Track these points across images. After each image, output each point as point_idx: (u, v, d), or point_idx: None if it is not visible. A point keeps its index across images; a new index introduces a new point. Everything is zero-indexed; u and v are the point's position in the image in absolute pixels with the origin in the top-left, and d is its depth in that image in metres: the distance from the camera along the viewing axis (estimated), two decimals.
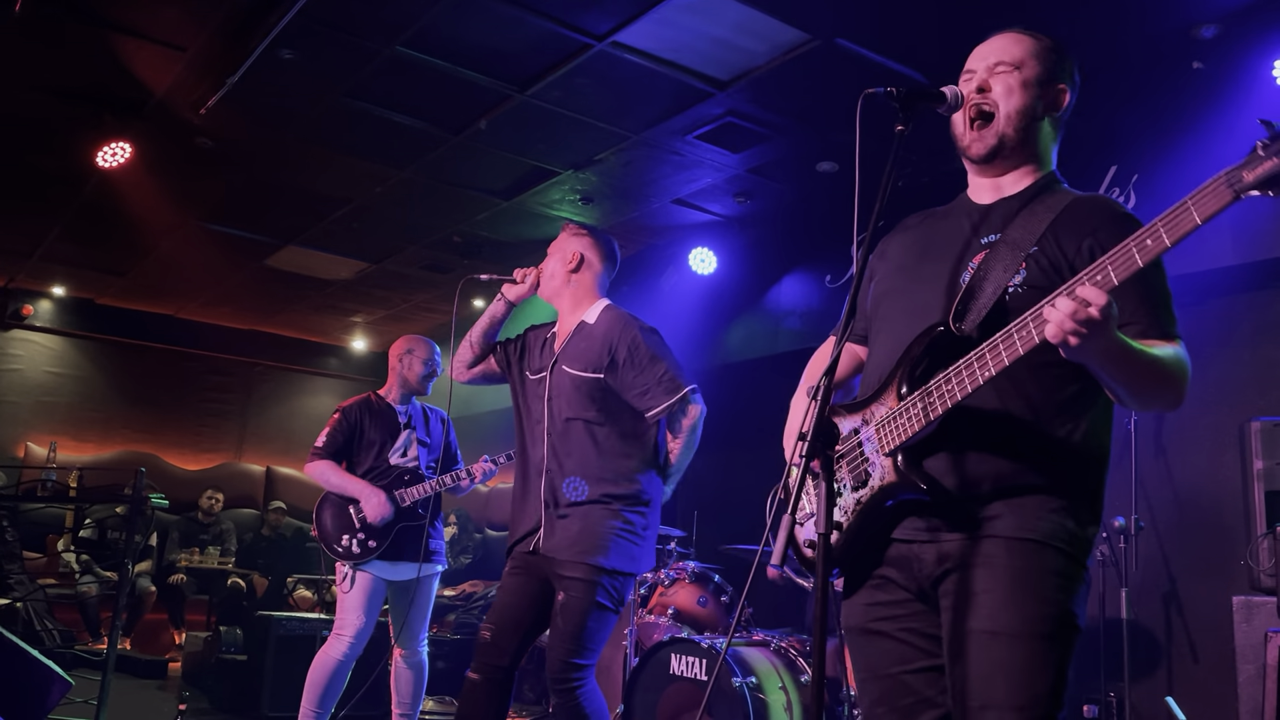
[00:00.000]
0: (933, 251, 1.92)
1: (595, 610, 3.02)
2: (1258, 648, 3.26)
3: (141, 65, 4.90)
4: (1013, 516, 1.70)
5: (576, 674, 3.01)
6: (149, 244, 7.57)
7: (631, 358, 3.14)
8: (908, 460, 1.74)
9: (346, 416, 4.36)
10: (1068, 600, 1.69)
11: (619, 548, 3.04)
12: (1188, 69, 4.27)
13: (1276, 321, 4.34)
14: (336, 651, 4.04)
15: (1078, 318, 1.47)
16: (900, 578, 1.81)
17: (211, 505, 8.70)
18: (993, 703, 1.64)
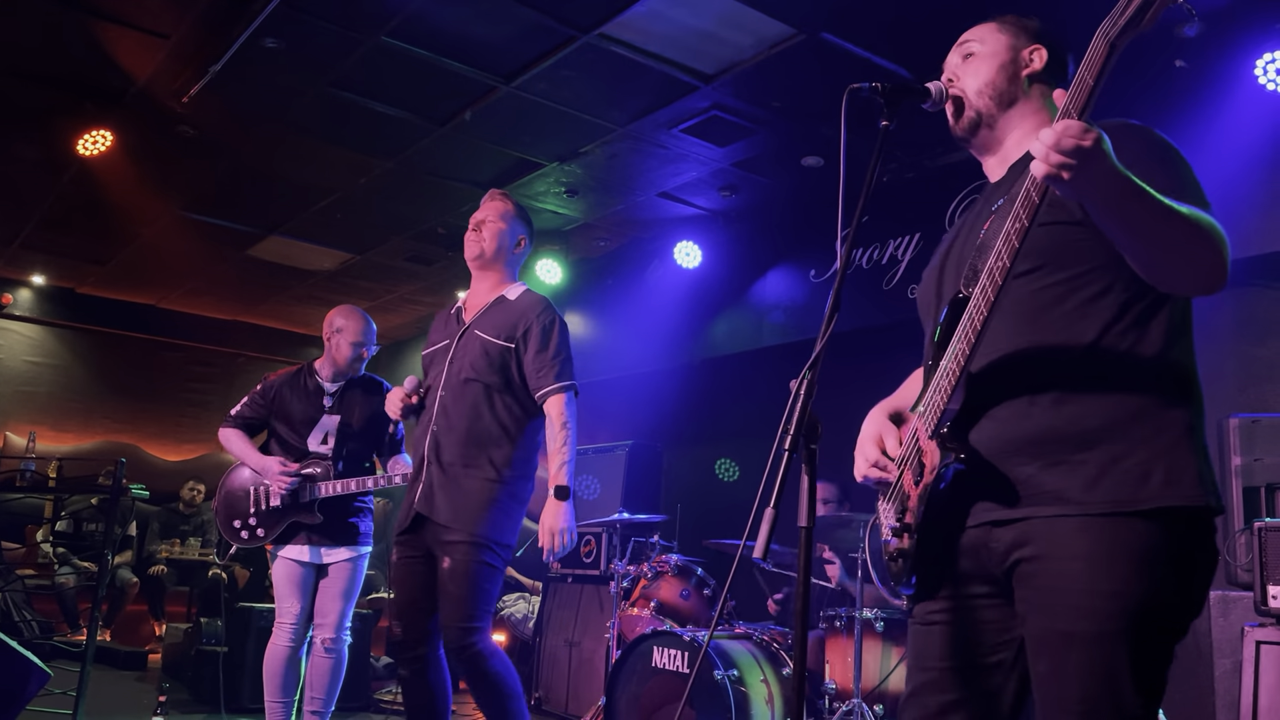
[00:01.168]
0: (959, 240, 1.90)
1: (483, 569, 3.11)
2: (1234, 642, 3.30)
3: (123, 52, 4.86)
4: (1082, 484, 1.55)
5: (476, 636, 3.07)
6: (130, 233, 7.52)
7: (542, 336, 3.29)
8: (950, 433, 1.66)
9: (266, 390, 4.19)
10: (1151, 585, 1.51)
11: (498, 518, 3.16)
12: (1171, 67, 4.29)
13: (1256, 318, 4.37)
14: (281, 640, 3.96)
15: (1063, 145, 1.37)
16: (972, 568, 1.71)
17: (193, 496, 8.65)
18: (1069, 707, 1.54)
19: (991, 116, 1.87)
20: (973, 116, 1.88)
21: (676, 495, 6.45)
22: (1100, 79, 1.42)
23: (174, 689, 5.72)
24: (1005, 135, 1.89)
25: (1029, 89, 1.87)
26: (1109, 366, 1.60)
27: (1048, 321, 1.63)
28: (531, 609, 6.97)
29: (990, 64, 1.87)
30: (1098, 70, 1.42)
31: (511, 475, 3.25)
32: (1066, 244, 1.65)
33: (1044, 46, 1.89)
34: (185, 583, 8.16)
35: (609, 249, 7.52)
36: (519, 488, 3.28)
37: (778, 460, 1.59)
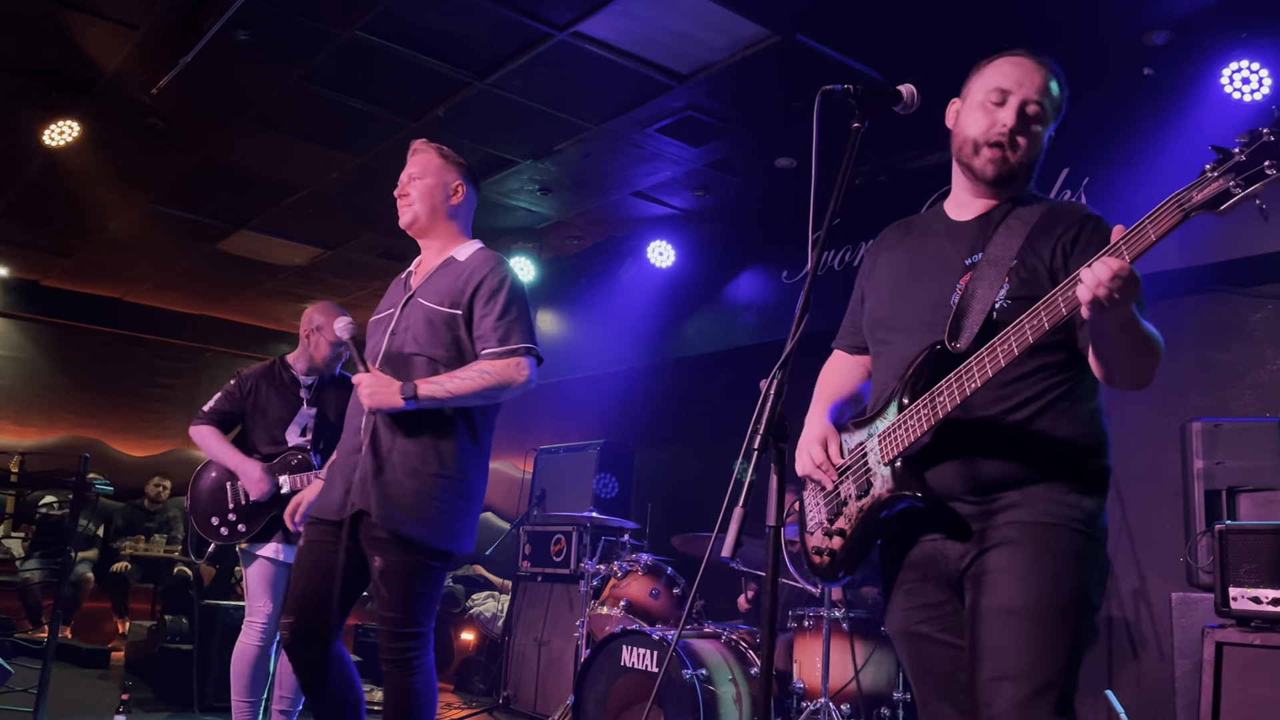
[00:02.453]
0: (920, 273, 2.03)
1: (422, 571, 2.79)
2: (1195, 643, 3.34)
3: (91, 42, 4.80)
4: (1027, 505, 1.80)
5: (413, 644, 2.78)
6: (97, 225, 7.42)
7: (491, 296, 2.89)
8: (906, 468, 1.85)
9: (241, 384, 4.10)
10: (1083, 580, 1.78)
11: (440, 518, 2.79)
12: (1139, 75, 4.35)
13: (1218, 324, 4.44)
14: (251, 640, 3.89)
15: (1114, 284, 1.56)
16: (932, 577, 1.91)
17: (159, 493, 8.55)
18: (1007, 674, 1.71)
19: (1020, 183, 2.00)
20: (1008, 173, 1.96)
21: (647, 494, 6.46)
22: (1161, 239, 1.58)
23: (137, 687, 5.65)
24: (1009, 190, 2.00)
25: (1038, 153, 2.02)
26: (1050, 424, 1.84)
27: (1005, 382, 1.83)
28: (501, 607, 6.95)
29: (1044, 139, 2.00)
30: (1163, 232, 1.57)
31: (459, 468, 2.85)
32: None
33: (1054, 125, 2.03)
34: (150, 580, 8.06)
35: (582, 247, 7.51)
36: (468, 484, 2.89)
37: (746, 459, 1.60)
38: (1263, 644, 3.01)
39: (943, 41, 4.20)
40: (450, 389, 2.78)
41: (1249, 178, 1.49)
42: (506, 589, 7.16)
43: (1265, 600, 3.03)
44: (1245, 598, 3.08)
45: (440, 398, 2.78)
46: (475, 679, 6.83)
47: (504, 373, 2.81)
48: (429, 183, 3.11)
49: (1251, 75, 4.06)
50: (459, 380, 2.79)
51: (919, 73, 4.29)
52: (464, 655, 7.14)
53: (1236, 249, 4.19)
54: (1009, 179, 1.97)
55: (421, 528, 2.77)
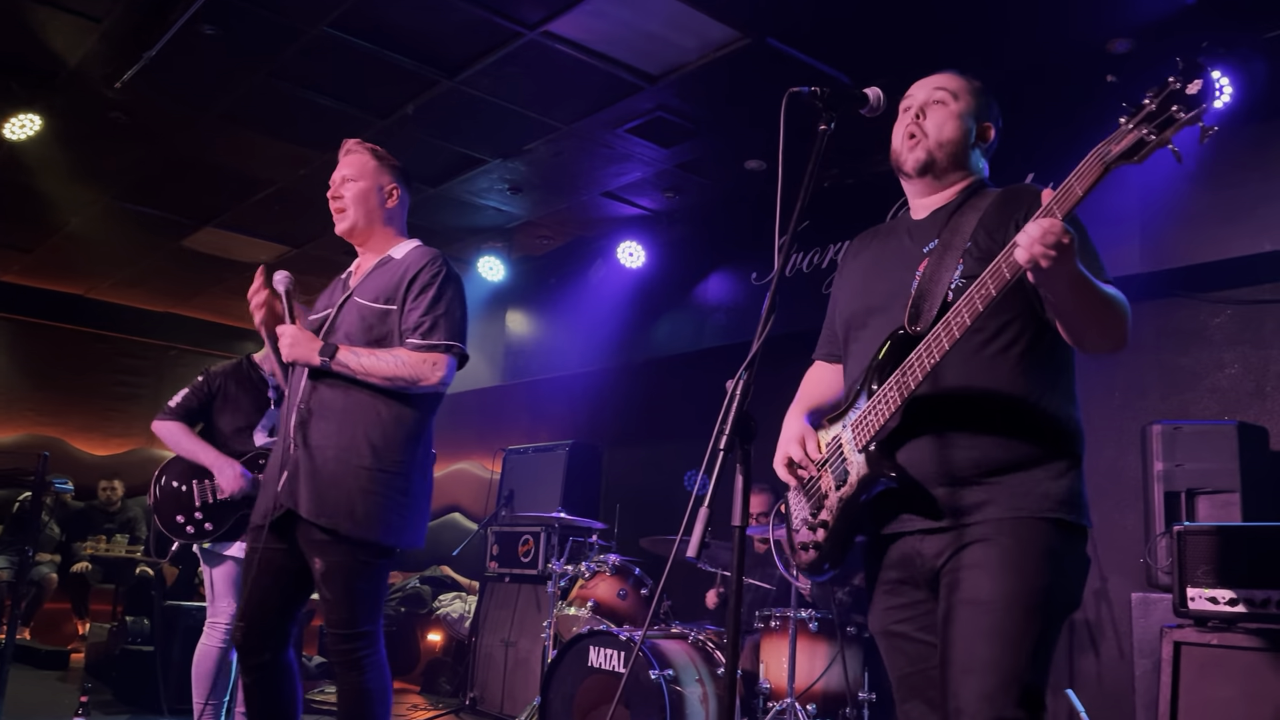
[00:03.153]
0: (883, 270, 2.07)
1: (362, 569, 2.74)
2: (1154, 642, 3.39)
3: (54, 34, 4.73)
4: (1001, 498, 1.82)
5: (361, 643, 2.73)
6: (58, 221, 7.31)
7: (423, 289, 2.84)
8: (879, 451, 1.88)
9: (210, 381, 4.04)
10: (1056, 575, 1.80)
11: (379, 514, 2.73)
12: (1103, 82, 4.40)
13: (1179, 328, 4.50)
14: (214, 641, 3.85)
15: (1046, 240, 1.59)
16: (908, 577, 1.94)
17: (109, 496, 8.38)
18: (974, 666, 1.73)
19: (943, 169, 2.05)
20: (925, 159, 2.04)
21: (615, 494, 6.45)
22: (1088, 193, 1.61)
23: (97, 689, 5.57)
24: (942, 187, 2.06)
25: (970, 154, 2.07)
26: (1022, 408, 1.88)
27: (973, 365, 1.88)
28: (468, 608, 6.93)
29: (958, 125, 2.05)
30: (1087, 185, 1.60)
31: (397, 463, 2.78)
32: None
33: (994, 126, 2.10)
34: (111, 580, 7.95)
35: (552, 247, 7.50)
36: (407, 480, 2.80)
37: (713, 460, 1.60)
38: (1220, 644, 3.06)
39: (909, 47, 4.23)
40: (364, 364, 2.76)
41: (1160, 124, 1.54)
42: (474, 590, 7.13)
43: (1222, 600, 3.08)
44: (1203, 598, 3.13)
45: (352, 367, 2.76)
46: (442, 680, 6.80)
47: (418, 367, 2.76)
48: (363, 186, 3.06)
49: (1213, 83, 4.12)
50: (375, 359, 2.76)
51: (886, 76, 4.31)
52: (430, 656, 7.11)
53: (1196, 255, 4.26)
54: (929, 164, 2.03)
55: (356, 523, 2.71)
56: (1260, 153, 4.10)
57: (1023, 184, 2.04)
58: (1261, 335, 4.26)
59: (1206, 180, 4.23)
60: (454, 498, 8.50)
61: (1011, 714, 1.69)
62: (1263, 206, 4.05)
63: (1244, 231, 4.10)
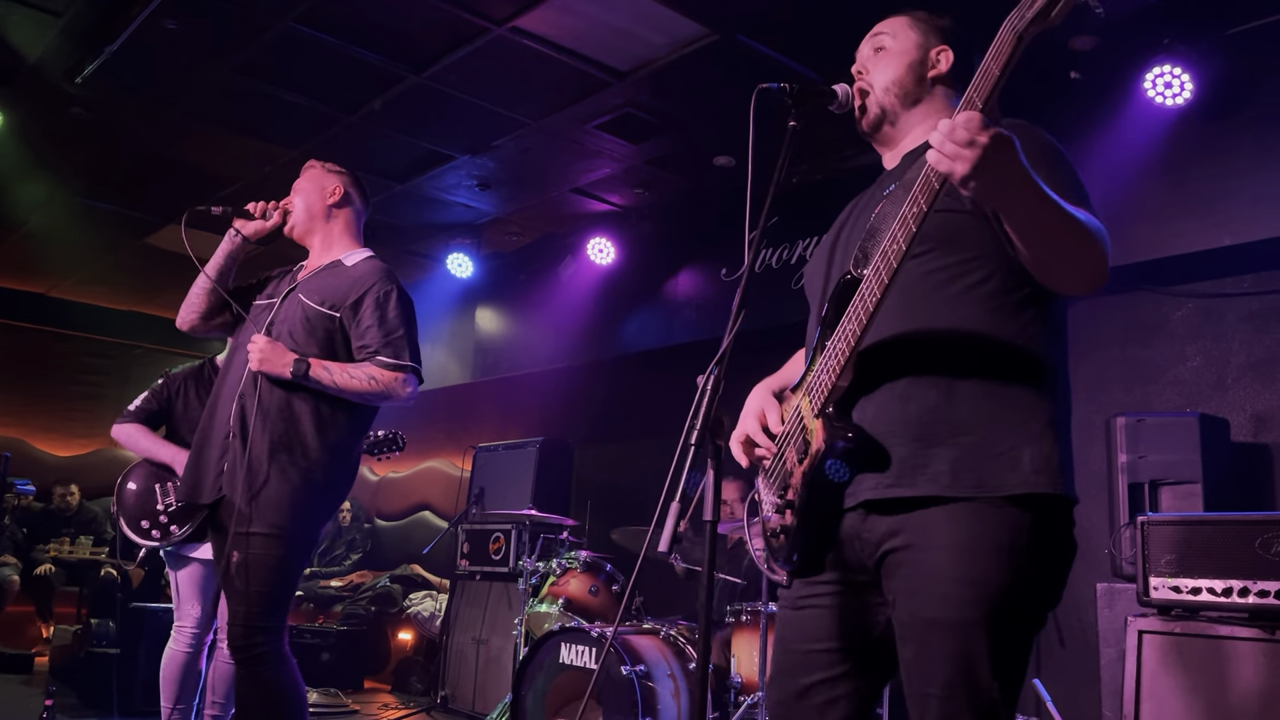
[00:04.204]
0: (849, 222, 1.94)
1: (279, 565, 2.79)
2: (1119, 632, 3.44)
3: (12, 28, 4.65)
4: (952, 467, 1.60)
5: (262, 638, 2.76)
6: (19, 218, 7.19)
7: (378, 306, 2.93)
8: (834, 412, 1.70)
9: (169, 384, 4.06)
10: (1028, 573, 1.58)
11: (297, 508, 2.81)
12: (1066, 79, 4.45)
13: (1140, 322, 4.57)
14: (180, 645, 3.80)
15: (957, 135, 1.40)
16: (849, 556, 1.74)
17: (67, 502, 8.23)
18: (932, 691, 1.59)
19: (895, 114, 1.91)
20: (877, 113, 1.92)
21: (586, 491, 6.45)
22: (1006, 70, 1.44)
23: (62, 692, 5.49)
24: (906, 132, 1.93)
25: (933, 89, 1.92)
26: (988, 355, 1.65)
27: (933, 305, 1.67)
28: (439, 606, 6.90)
29: (899, 62, 1.91)
30: (1004, 61, 1.43)
31: (321, 462, 2.86)
32: (955, 229, 1.69)
33: (950, 48, 1.93)
34: (75, 583, 7.83)
35: (522, 244, 7.48)
36: (329, 476, 2.88)
37: (683, 456, 1.60)
38: (1183, 632, 3.11)
39: None
40: (338, 381, 2.85)
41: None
42: (444, 588, 7.11)
43: (1185, 590, 3.13)
44: (1166, 587, 3.18)
45: (325, 384, 2.85)
46: (413, 679, 6.77)
47: (390, 386, 2.89)
48: (305, 186, 3.22)
49: (1174, 80, 4.18)
50: (348, 376, 2.86)
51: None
52: (401, 655, 7.08)
53: (1157, 249, 4.32)
54: (881, 116, 1.91)
55: (277, 516, 2.79)
56: (1220, 148, 4.16)
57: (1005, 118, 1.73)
58: (1222, 328, 4.33)
59: (1167, 175, 4.29)
60: (424, 496, 8.45)
61: None
62: (1221, 202, 4.12)
63: (1204, 226, 4.17)
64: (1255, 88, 4.09)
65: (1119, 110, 4.43)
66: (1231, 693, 2.97)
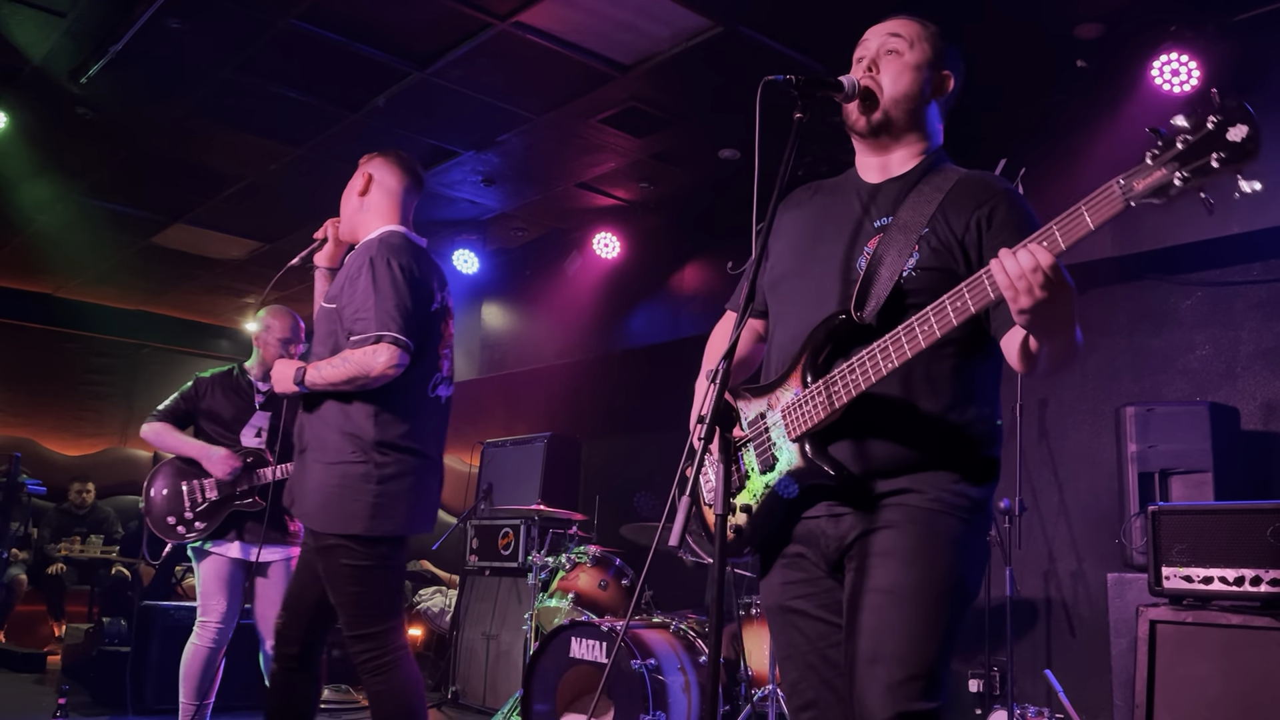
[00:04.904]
0: (827, 233, 1.95)
1: (357, 573, 2.74)
2: (1130, 622, 3.43)
3: (17, 29, 4.65)
4: (915, 491, 1.77)
5: (370, 646, 2.74)
6: (25, 218, 7.20)
7: (351, 281, 2.84)
8: (814, 446, 1.79)
9: (197, 387, 4.15)
10: (962, 566, 1.76)
11: (351, 507, 2.73)
12: (1072, 67, 4.43)
13: (1150, 311, 4.55)
14: (204, 640, 3.89)
15: (1037, 280, 1.49)
16: (811, 554, 1.87)
17: (82, 499, 8.29)
18: (881, 656, 1.69)
19: (897, 128, 1.94)
20: (881, 119, 1.92)
21: (595, 485, 6.45)
22: (1101, 228, 1.48)
23: (74, 690, 5.52)
24: (897, 144, 1.95)
25: (927, 108, 1.96)
26: (950, 411, 1.81)
27: (906, 367, 1.73)
28: (448, 602, 6.91)
29: (915, 77, 1.93)
30: (1103, 220, 1.47)
31: (367, 451, 2.75)
32: (938, 286, 1.73)
33: (953, 75, 1.97)
34: (86, 581, 7.87)
35: (527, 239, 7.47)
36: (381, 465, 2.76)
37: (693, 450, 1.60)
38: (1195, 621, 3.10)
39: None
40: (326, 377, 2.78)
41: (1195, 171, 1.38)
42: (454, 584, 7.12)
43: (1196, 579, 3.12)
44: (1177, 577, 3.17)
45: (318, 384, 2.81)
46: (423, 674, 6.77)
47: (361, 361, 2.72)
48: (349, 187, 3.13)
49: (1181, 67, 4.16)
50: (328, 367, 2.79)
51: None
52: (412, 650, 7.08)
53: (1166, 237, 4.30)
54: (884, 124, 1.91)
55: (332, 519, 2.74)
56: None
57: (989, 174, 1.91)
58: (1231, 316, 4.31)
59: None
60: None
61: (918, 706, 1.65)
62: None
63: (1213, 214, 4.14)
64: (1262, 74, 4.06)
65: (1126, 98, 4.41)
66: (1244, 682, 2.96)
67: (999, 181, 1.89)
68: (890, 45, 1.94)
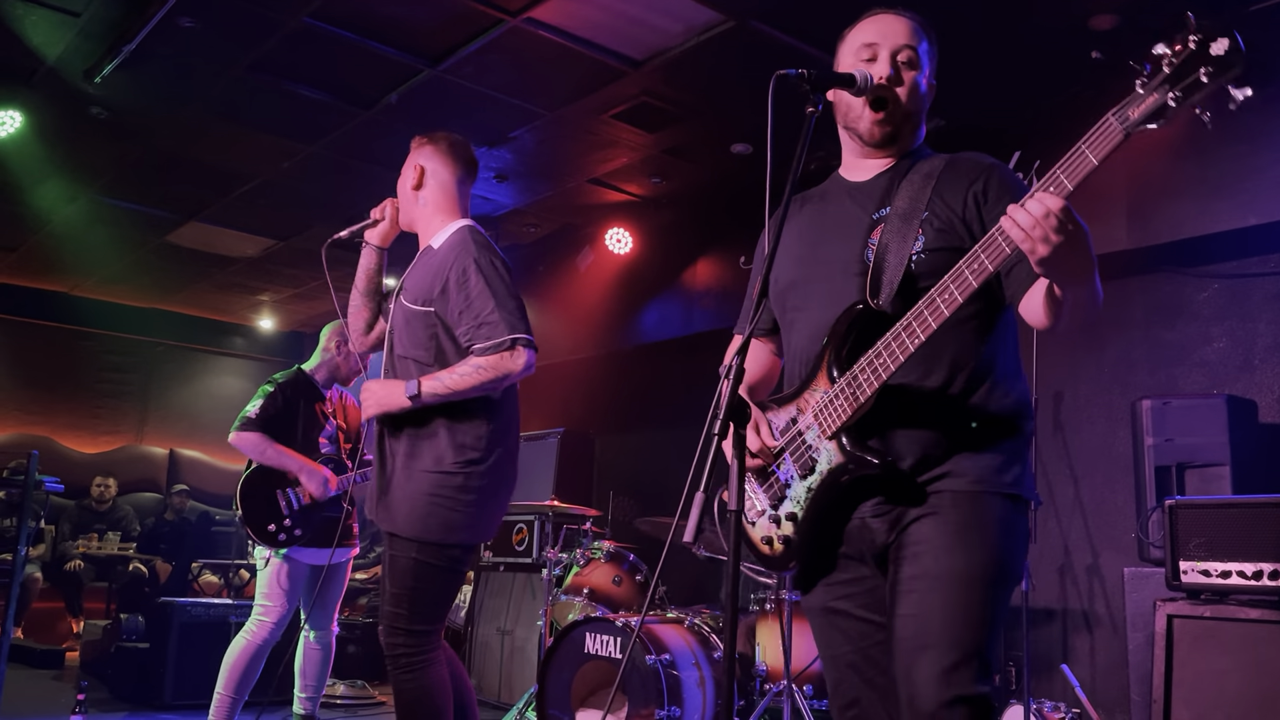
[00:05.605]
0: (827, 234, 1.96)
1: (426, 571, 2.73)
2: (1147, 616, 3.41)
3: (32, 29, 4.68)
4: (955, 474, 1.77)
5: (410, 643, 2.72)
6: (41, 218, 7.25)
7: (460, 288, 2.77)
8: (852, 439, 1.77)
9: (283, 391, 4.15)
10: (1007, 548, 1.76)
11: (437, 516, 2.72)
12: (1087, 58, 4.40)
13: (1166, 303, 4.52)
14: (259, 637, 3.96)
15: (1049, 224, 1.49)
16: (855, 552, 1.86)
17: (103, 493, 8.37)
18: (929, 642, 1.67)
19: (905, 138, 1.97)
20: (892, 131, 1.94)
21: (608, 481, 6.46)
22: (1104, 162, 1.49)
23: (93, 687, 5.56)
24: (895, 147, 1.97)
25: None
26: (979, 385, 1.81)
27: (928, 348, 1.72)
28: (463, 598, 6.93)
29: (926, 89, 1.97)
30: (1105, 154, 1.49)
31: (459, 463, 2.75)
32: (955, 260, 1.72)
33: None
34: (104, 578, 7.93)
35: (540, 235, 7.47)
36: (470, 477, 2.76)
37: (707, 445, 1.59)
38: (1212, 616, 3.09)
39: None
40: (450, 384, 2.71)
41: (1186, 89, 1.42)
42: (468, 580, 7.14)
43: (1214, 573, 3.10)
44: (1195, 571, 3.15)
45: (442, 394, 2.72)
46: None
47: (499, 365, 2.71)
48: (402, 178, 3.07)
49: None
50: (457, 376, 2.72)
51: None
52: None
53: (1183, 230, 4.27)
54: (895, 135, 1.93)
55: (414, 524, 2.73)
56: (1245, 127, 4.11)
57: (974, 153, 1.92)
58: (1248, 308, 4.28)
59: (1192, 155, 4.24)
60: None
61: (971, 690, 1.64)
62: (1248, 180, 4.06)
63: (1230, 206, 4.12)
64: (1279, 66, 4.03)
65: None
66: (1263, 676, 2.94)
67: (985, 157, 1.90)
68: (905, 57, 1.94)
